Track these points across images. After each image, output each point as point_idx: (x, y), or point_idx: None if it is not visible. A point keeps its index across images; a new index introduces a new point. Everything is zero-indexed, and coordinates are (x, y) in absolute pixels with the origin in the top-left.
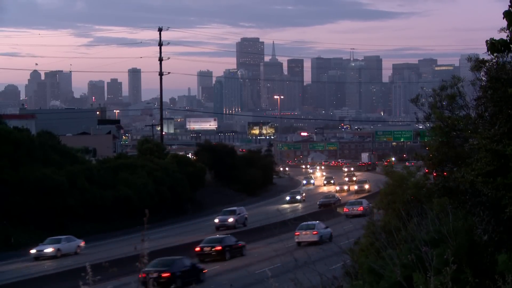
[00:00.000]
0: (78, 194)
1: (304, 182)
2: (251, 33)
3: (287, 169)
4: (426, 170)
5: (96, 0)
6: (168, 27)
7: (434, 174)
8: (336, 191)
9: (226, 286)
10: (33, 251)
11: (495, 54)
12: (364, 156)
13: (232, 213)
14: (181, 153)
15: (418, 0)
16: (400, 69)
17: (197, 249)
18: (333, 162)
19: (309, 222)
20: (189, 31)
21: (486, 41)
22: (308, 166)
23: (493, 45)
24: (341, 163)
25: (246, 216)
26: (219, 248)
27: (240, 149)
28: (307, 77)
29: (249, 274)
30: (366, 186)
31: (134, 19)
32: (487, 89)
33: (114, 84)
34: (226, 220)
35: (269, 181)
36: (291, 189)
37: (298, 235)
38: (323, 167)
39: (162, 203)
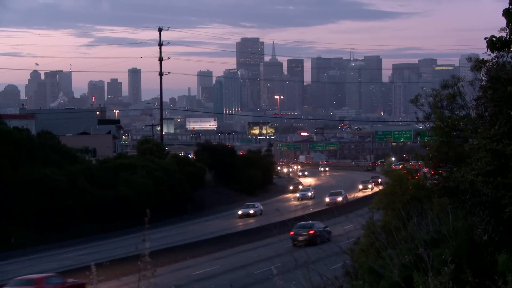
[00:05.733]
0: (78, 194)
1: None
2: (252, 33)
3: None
4: (425, 169)
5: (98, 0)
6: (168, 27)
7: (433, 172)
8: None
9: (226, 286)
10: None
11: (495, 54)
12: (302, 158)
13: None
14: (181, 153)
15: (419, 0)
16: (400, 69)
17: None
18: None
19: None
20: (189, 31)
21: (485, 38)
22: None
23: (493, 43)
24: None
25: None
26: None
27: (242, 152)
28: (307, 77)
29: (249, 274)
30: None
31: (135, 19)
32: (487, 89)
33: (114, 84)
34: None
35: (269, 181)
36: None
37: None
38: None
39: (162, 203)
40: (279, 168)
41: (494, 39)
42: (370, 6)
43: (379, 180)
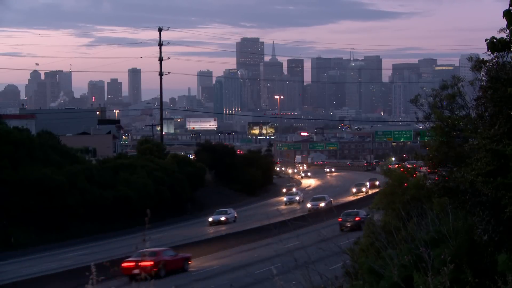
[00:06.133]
0: (78, 194)
1: None
2: (252, 33)
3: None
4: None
5: (99, 0)
6: (168, 27)
7: (429, 170)
8: None
9: (226, 286)
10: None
11: (495, 54)
12: (298, 158)
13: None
14: (181, 153)
15: (419, 0)
16: (400, 69)
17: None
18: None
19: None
20: (189, 31)
21: (486, 40)
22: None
23: (493, 44)
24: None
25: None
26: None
27: (238, 151)
28: (307, 77)
29: (249, 274)
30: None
31: (135, 19)
32: (487, 89)
33: (114, 84)
34: None
35: (269, 181)
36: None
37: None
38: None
39: (162, 203)
40: (283, 168)
41: (494, 40)
42: (370, 6)
43: (377, 183)
